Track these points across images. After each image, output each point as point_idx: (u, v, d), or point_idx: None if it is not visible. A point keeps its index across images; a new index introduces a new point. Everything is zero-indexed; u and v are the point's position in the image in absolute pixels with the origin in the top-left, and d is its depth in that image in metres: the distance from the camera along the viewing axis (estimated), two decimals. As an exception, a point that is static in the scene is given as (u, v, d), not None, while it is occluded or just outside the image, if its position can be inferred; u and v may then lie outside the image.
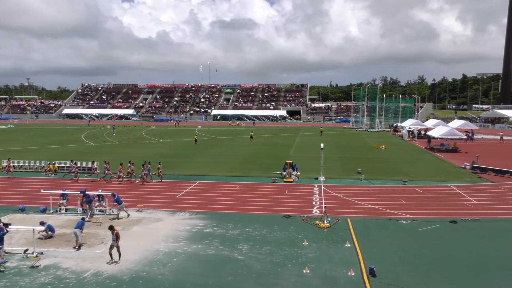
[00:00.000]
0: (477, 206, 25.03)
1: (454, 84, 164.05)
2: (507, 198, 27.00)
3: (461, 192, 28.61)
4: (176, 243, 18.61)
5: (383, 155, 47.67)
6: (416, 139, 66.51)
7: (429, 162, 42.84)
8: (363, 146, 57.79)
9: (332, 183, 31.25)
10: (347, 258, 16.76)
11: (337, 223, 21.29)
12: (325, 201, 25.81)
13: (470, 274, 15.34)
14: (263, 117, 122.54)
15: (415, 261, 16.50)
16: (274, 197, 27.37)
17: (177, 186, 30.36)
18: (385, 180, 32.54)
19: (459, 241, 18.87)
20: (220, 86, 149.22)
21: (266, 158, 44.51)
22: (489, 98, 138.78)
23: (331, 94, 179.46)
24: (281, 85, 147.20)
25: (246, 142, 61.65)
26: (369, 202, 25.72)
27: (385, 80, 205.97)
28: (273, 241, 18.83)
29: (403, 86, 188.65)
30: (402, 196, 27.36)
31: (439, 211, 23.81)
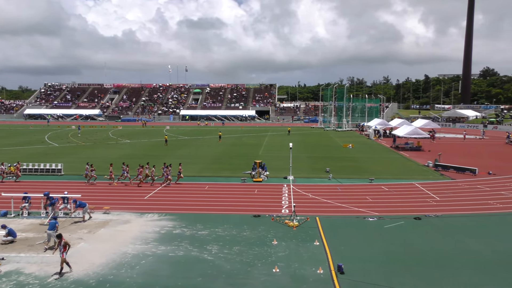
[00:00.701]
0: (439, 202, 25.84)
1: (418, 84, 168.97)
2: (467, 195, 28.01)
3: (424, 189, 29.47)
4: (144, 245, 18.31)
5: (350, 154, 48.51)
6: (382, 138, 68.06)
7: (394, 160, 43.90)
8: (331, 145, 58.63)
9: (301, 182, 31.53)
10: (316, 256, 16.94)
11: (306, 222, 21.50)
12: (294, 200, 26.01)
13: (433, 268, 15.81)
14: (232, 117, 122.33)
15: (382, 258, 16.87)
16: (244, 197, 27.36)
17: (146, 187, 29.88)
18: (352, 179, 33.12)
19: (423, 237, 19.42)
20: (189, 86, 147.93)
21: (236, 158, 44.45)
22: (450, 98, 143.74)
23: (300, 94, 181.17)
24: (250, 85, 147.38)
25: (215, 142, 61.38)
26: (337, 201, 26.11)
27: (352, 80, 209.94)
28: (242, 241, 18.82)
29: (369, 86, 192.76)
30: (369, 194, 27.91)
31: (404, 208, 24.44)
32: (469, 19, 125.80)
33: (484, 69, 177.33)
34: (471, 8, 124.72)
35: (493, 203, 25.66)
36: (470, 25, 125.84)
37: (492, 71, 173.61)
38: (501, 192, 28.51)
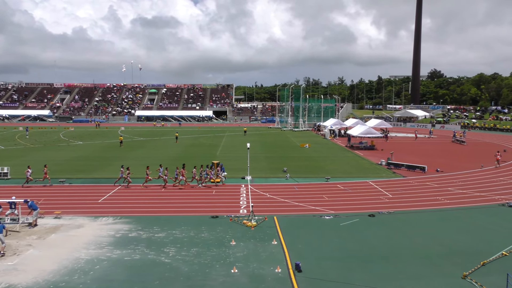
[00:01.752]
0: (392, 199, 26.80)
1: (371, 85, 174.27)
2: (417, 191, 29.23)
3: (378, 187, 30.46)
4: (98, 249, 17.77)
5: (307, 153, 49.31)
6: (337, 137, 69.65)
7: (349, 159, 45.05)
8: (288, 145, 59.34)
9: (259, 182, 31.71)
10: (274, 256, 17.10)
11: (264, 222, 21.65)
12: (252, 200, 26.12)
13: (387, 264, 16.38)
14: (189, 117, 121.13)
15: (338, 255, 17.28)
16: (202, 198, 27.18)
17: (99, 190, 29.01)
18: (309, 178, 33.68)
19: (377, 233, 20.07)
20: (144, 86, 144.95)
21: (193, 159, 44.02)
22: (401, 98, 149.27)
23: (257, 94, 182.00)
24: (207, 85, 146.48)
25: (171, 143, 60.54)
26: (295, 200, 26.47)
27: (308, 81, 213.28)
28: (200, 242, 18.69)
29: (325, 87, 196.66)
30: (325, 193, 28.50)
31: (359, 206, 25.15)
32: (417, 23, 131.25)
33: (432, 71, 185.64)
34: (419, 12, 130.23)
35: (441, 199, 26.92)
36: (419, 28, 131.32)
37: (439, 73, 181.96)
38: (448, 188, 29.95)
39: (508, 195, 27.89)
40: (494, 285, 14.20)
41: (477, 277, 14.98)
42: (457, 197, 27.53)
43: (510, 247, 18.02)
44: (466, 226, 21.27)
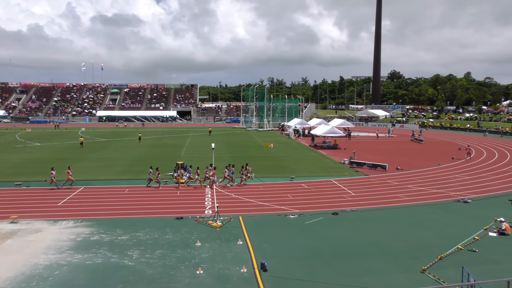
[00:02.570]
0: (355, 197, 27.40)
1: (333, 85, 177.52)
2: (379, 189, 30.02)
3: (341, 185, 31.06)
4: (58, 254, 17.19)
5: (271, 153, 49.61)
6: (301, 137, 70.49)
7: (313, 158, 45.68)
8: (253, 145, 59.50)
9: (224, 183, 31.60)
10: (239, 256, 17.11)
11: (229, 222, 21.61)
12: (217, 200, 26.02)
13: (350, 260, 16.72)
14: (152, 117, 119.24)
15: (302, 253, 17.48)
16: (166, 199, 26.82)
17: (59, 193, 28.07)
18: (274, 178, 33.90)
19: (340, 231, 20.46)
20: (106, 86, 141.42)
21: (157, 159, 43.37)
22: (362, 98, 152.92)
23: (221, 94, 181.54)
24: (171, 85, 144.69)
25: (135, 144, 59.40)
26: (260, 199, 26.58)
27: (272, 81, 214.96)
28: (165, 244, 18.44)
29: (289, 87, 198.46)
30: (290, 192, 28.77)
31: (323, 204, 25.55)
32: (377, 25, 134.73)
33: (392, 71, 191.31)
34: (379, 14, 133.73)
35: (401, 196, 27.77)
36: (379, 30, 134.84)
37: (398, 73, 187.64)
38: (408, 186, 30.94)
39: (463, 191, 29.12)
40: (450, 278, 14.77)
41: (435, 271, 15.54)
42: (416, 194, 28.47)
43: (465, 241, 18.81)
44: (425, 222, 22.02)
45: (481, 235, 19.80)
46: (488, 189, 30.07)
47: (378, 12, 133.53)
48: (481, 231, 20.33)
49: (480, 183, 32.23)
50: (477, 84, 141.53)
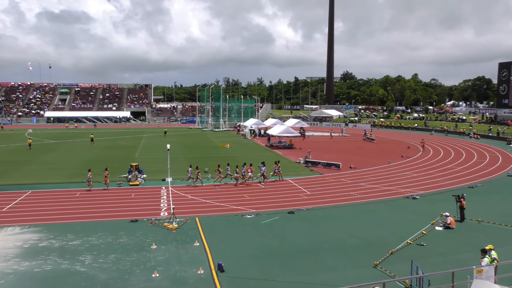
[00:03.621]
0: (310, 196, 27.89)
1: (288, 86, 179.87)
2: (333, 188, 30.74)
3: (297, 184, 31.52)
4: (3, 262, 16.33)
5: (228, 153, 49.57)
6: (257, 137, 70.88)
7: (269, 158, 45.99)
8: (209, 145, 59.20)
9: (180, 184, 31.25)
10: (196, 257, 16.97)
11: (185, 223, 21.38)
12: (173, 202, 25.68)
13: (306, 258, 17.00)
14: (105, 118, 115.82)
15: (259, 253, 17.59)
16: (120, 202, 26.15)
17: (4, 198, 26.66)
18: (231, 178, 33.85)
19: (296, 230, 20.76)
20: (54, 85, 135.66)
21: (110, 161, 42.19)
22: (317, 99, 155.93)
23: (176, 94, 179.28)
24: (124, 85, 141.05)
25: (86, 145, 57.46)
26: (216, 200, 26.48)
27: (228, 81, 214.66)
28: (119, 248, 17.97)
29: (244, 87, 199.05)
30: (246, 192, 28.87)
31: (279, 204, 25.83)
32: (330, 26, 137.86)
33: (344, 72, 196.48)
34: (331, 16, 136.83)
35: (354, 194, 28.57)
36: (331, 31, 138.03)
37: (350, 74, 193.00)
38: (361, 184, 31.89)
39: (412, 188, 30.39)
40: (400, 272, 15.36)
41: (386, 265, 16.11)
42: (368, 191, 29.39)
43: (413, 236, 19.63)
44: (377, 219, 22.78)
45: (429, 229, 20.74)
46: (434, 186, 31.54)
47: (330, 14, 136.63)
48: (429, 226, 21.29)
49: (427, 180, 33.74)
50: (424, 85, 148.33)
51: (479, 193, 29.22)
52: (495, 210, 24.53)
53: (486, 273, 12.00)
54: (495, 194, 29.13)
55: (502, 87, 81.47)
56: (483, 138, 69.16)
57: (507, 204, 26.14)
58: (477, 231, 20.66)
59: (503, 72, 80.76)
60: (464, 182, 33.01)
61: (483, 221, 22.13)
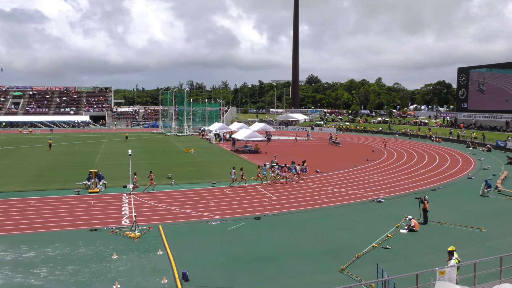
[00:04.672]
0: (276, 201, 28.03)
1: (254, 89, 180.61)
2: (300, 192, 31.03)
3: (263, 189, 31.62)
4: (-50, 278, 15.48)
5: (192, 158, 49.16)
6: (222, 142, 70.71)
7: (234, 163, 45.93)
8: (173, 150, 58.55)
9: (142, 190, 30.71)
10: (159, 266, 16.68)
11: (148, 232, 21.01)
12: (135, 209, 25.18)
13: (272, 264, 17.05)
14: (62, 123, 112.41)
15: (225, 260, 17.49)
16: (79, 210, 25.37)
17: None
18: (195, 184, 33.60)
19: (262, 236, 20.79)
20: (7, 88, 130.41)
21: (68, 168, 40.96)
22: (282, 102, 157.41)
23: (138, 98, 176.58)
24: (82, 88, 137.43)
25: (42, 151, 55.52)
26: (180, 207, 26.17)
27: (192, 85, 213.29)
28: (77, 259, 17.41)
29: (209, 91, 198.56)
30: (212, 198, 28.69)
31: (245, 210, 25.81)
32: (295, 29, 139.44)
33: (310, 76, 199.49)
34: (296, 19, 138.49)
35: (321, 198, 28.95)
36: (296, 34, 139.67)
37: (316, 78, 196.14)
38: (327, 188, 32.36)
39: (377, 191, 31.12)
40: (367, 275, 15.66)
41: (353, 269, 16.39)
42: (334, 195, 29.86)
43: (379, 239, 20.08)
44: (343, 223, 23.16)
45: (393, 232, 21.27)
46: (398, 189, 32.42)
47: (295, 16, 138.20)
48: (393, 229, 21.84)
49: (391, 183, 34.66)
50: (387, 89, 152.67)
51: (441, 195, 30.26)
52: (456, 212, 25.48)
53: (448, 274, 12.43)
54: (456, 196, 30.26)
55: (461, 91, 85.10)
56: (444, 141, 71.82)
57: (467, 206, 27.22)
58: (439, 233, 21.37)
59: (461, 77, 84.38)
60: (427, 185, 34.11)
61: (445, 223, 22.91)
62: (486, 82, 78.49)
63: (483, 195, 29.81)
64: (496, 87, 76.51)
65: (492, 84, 77.27)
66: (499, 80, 75.99)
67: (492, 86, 77.22)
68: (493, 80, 77.21)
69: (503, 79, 75.15)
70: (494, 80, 76.93)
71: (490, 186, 30.18)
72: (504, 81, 74.89)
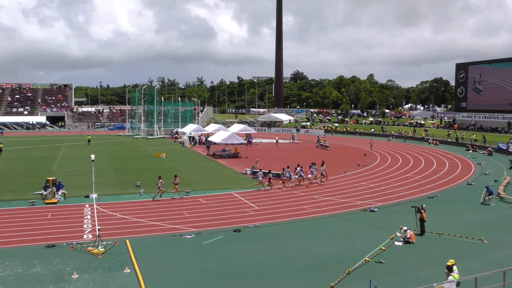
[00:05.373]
0: (258, 212, 28.07)
1: (232, 87, 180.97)
2: (284, 201, 31.14)
3: (243, 199, 31.63)
4: None
5: (164, 164, 48.88)
6: (197, 145, 70.54)
7: (211, 169, 45.94)
8: (142, 155, 58.17)
9: (107, 201, 30.43)
10: (126, 286, 16.50)
11: (114, 247, 20.78)
12: (98, 222, 24.88)
13: (254, 281, 17.04)
14: (14, 124, 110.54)
15: (200, 277, 17.40)
16: (34, 224, 24.95)
17: None
18: (167, 193, 33.34)
19: (243, 249, 20.77)
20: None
21: (21, 176, 40.25)
22: (264, 101, 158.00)
23: (102, 96, 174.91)
24: (38, 85, 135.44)
25: (-9, 157, 54.45)
26: (151, 219, 25.97)
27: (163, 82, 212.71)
28: (32, 279, 17.08)
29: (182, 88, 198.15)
30: (186, 209, 28.57)
31: (223, 221, 25.76)
32: (278, 20, 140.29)
33: (295, 72, 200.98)
34: (279, 8, 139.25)
35: (307, 207, 29.10)
36: (280, 26, 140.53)
37: (301, 74, 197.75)
38: (314, 196, 32.57)
39: (369, 200, 31.46)
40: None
41: (343, 286, 16.50)
42: (323, 204, 30.06)
43: (372, 253, 20.28)
44: (333, 234, 23.32)
45: (388, 245, 21.52)
46: (393, 197, 32.85)
47: (278, 5, 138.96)
48: (388, 241, 22.09)
49: (385, 191, 35.10)
50: (380, 87, 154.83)
51: (439, 203, 30.79)
52: (455, 221, 25.95)
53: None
54: (455, 204, 30.82)
55: (460, 89, 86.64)
56: (442, 144, 73.18)
57: (467, 215, 27.75)
58: (437, 244, 21.71)
59: (460, 73, 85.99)
60: (423, 192, 34.66)
61: (444, 233, 23.29)
62: (487, 79, 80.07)
63: (484, 203, 30.44)
64: (497, 85, 78.17)
65: (493, 82, 78.88)
66: (501, 77, 77.62)
67: (493, 83, 78.86)
68: (494, 77, 78.79)
69: (505, 76, 76.73)
70: (496, 77, 78.52)
71: (491, 193, 30.84)
72: (506, 78, 76.53)
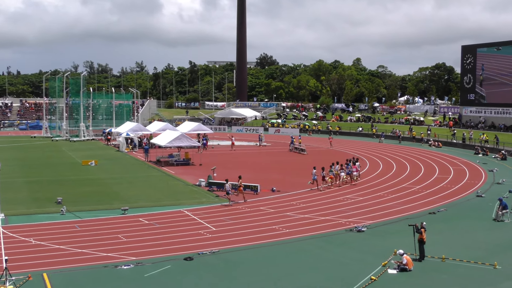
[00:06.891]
0: (216, 233, 28.00)
1: (182, 74, 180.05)
2: (249, 220, 31.20)
3: (196, 217, 31.50)
4: None
5: (93, 174, 48.24)
6: (137, 149, 69.89)
7: (155, 180, 45.58)
8: (64, 163, 57.43)
9: (17, 222, 29.89)
10: (44, 334, 16.22)
11: (27, 282, 20.38)
12: (6, 251, 24.34)
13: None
14: None
15: (142, 320, 17.27)
16: None
17: None
18: (97, 211, 33.02)
19: (196, 283, 20.68)
20: None
21: None
22: (223, 93, 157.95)
23: (11, 86, 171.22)
24: None
25: None
26: (76, 245, 25.57)
27: (92, 67, 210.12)
28: None
29: (117, 76, 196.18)
30: (122, 231, 28.25)
31: (171, 247, 25.57)
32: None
33: (262, 56, 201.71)
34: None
35: (279, 228, 29.22)
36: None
37: (270, 58, 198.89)
38: (287, 214, 32.74)
39: (356, 217, 31.83)
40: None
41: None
42: (298, 224, 30.23)
43: (360, 284, 20.50)
44: (311, 261, 23.44)
45: (379, 273, 21.81)
46: (385, 213, 33.35)
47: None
48: (379, 268, 22.39)
49: (375, 205, 35.58)
50: (369, 75, 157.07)
51: (442, 220, 31.44)
52: (462, 243, 26.55)
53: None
54: (462, 221, 31.58)
55: (467, 78, 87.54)
56: (446, 146, 74.86)
57: (476, 234, 28.43)
58: (440, 272, 22.15)
59: (467, 58, 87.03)
60: (423, 206, 35.32)
61: (448, 258, 23.79)
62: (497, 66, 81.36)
63: (497, 219, 31.23)
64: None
65: (507, 69, 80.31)
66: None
67: (507, 71, 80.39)
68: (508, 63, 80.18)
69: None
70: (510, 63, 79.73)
71: (506, 207, 31.55)
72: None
